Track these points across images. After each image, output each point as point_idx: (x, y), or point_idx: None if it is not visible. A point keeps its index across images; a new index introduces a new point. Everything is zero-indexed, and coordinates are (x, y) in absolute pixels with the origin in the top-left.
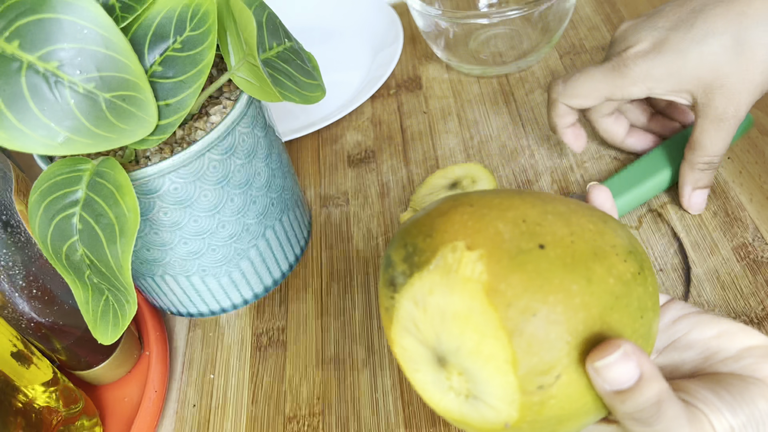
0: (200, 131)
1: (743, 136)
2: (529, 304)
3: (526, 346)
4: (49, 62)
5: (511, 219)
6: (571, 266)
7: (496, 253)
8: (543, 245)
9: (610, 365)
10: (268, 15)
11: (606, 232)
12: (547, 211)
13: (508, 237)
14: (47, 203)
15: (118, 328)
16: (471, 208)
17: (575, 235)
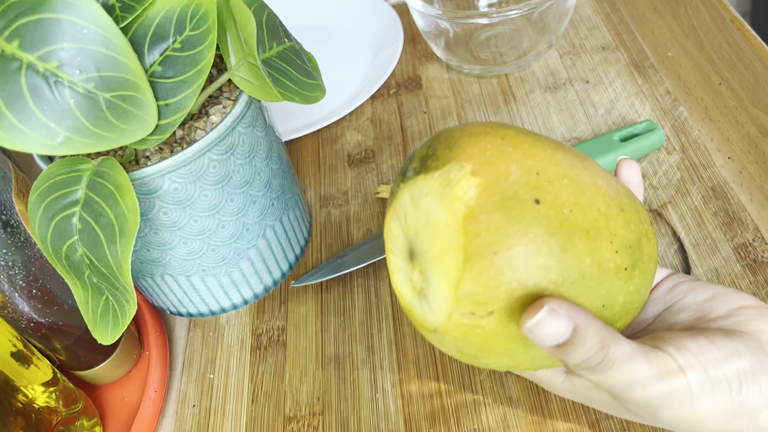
0: (200, 131)
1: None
2: (495, 243)
3: (475, 275)
4: (48, 62)
5: (527, 166)
6: (553, 230)
7: (492, 188)
8: (539, 201)
9: (540, 323)
10: (268, 15)
11: (615, 220)
12: (568, 175)
13: (513, 180)
14: (47, 203)
15: (118, 328)
16: (500, 141)
17: (578, 206)
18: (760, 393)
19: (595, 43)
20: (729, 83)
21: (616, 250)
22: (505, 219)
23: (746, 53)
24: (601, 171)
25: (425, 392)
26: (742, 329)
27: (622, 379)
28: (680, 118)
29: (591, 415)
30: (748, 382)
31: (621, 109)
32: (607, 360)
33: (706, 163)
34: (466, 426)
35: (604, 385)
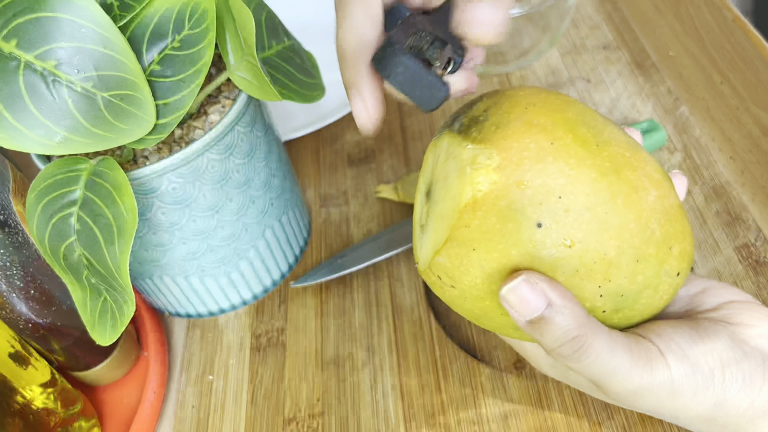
0: (199, 130)
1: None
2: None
3: (450, 254)
4: (46, 61)
5: (552, 187)
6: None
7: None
8: (541, 225)
9: (513, 290)
10: (268, 14)
11: (618, 268)
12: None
13: (529, 194)
14: (45, 203)
15: (117, 328)
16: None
17: (581, 244)
18: (743, 381)
19: (596, 43)
20: (731, 83)
21: (600, 294)
22: (498, 226)
23: (748, 52)
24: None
25: (425, 393)
26: (728, 321)
27: (600, 369)
28: (682, 117)
29: (592, 416)
30: (731, 371)
31: (622, 108)
32: (583, 349)
33: (708, 162)
34: (467, 427)
35: (582, 374)
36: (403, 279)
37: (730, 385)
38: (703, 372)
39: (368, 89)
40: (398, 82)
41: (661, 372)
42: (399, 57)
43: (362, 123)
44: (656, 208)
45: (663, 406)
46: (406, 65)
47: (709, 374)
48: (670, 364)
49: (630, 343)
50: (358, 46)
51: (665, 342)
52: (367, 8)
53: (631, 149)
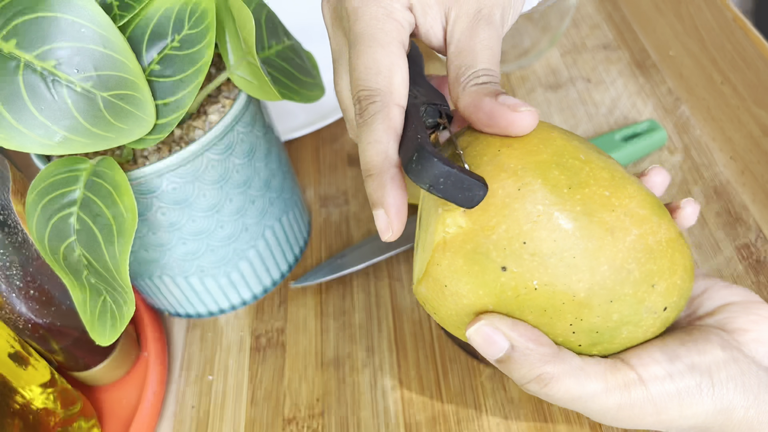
0: (199, 130)
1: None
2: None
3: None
4: (46, 61)
5: (516, 233)
6: (506, 299)
7: (470, 236)
8: (505, 268)
9: (477, 331)
10: (267, 13)
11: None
12: (564, 255)
13: (495, 238)
14: (45, 203)
15: (116, 329)
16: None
17: (548, 286)
18: (735, 390)
19: (596, 42)
20: (731, 82)
21: (573, 331)
22: (465, 268)
23: (748, 52)
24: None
25: (426, 394)
26: (725, 327)
27: (572, 398)
28: (682, 117)
29: None
30: (721, 381)
31: (623, 108)
32: (550, 385)
33: (708, 162)
34: (467, 428)
35: (557, 403)
36: (403, 279)
37: (722, 396)
38: (689, 388)
39: (394, 208)
40: (440, 191)
41: (639, 395)
42: (439, 168)
43: (385, 237)
44: (636, 247)
45: (651, 424)
46: (447, 175)
47: (695, 388)
48: (648, 387)
49: (605, 371)
50: (383, 164)
51: (645, 365)
52: (388, 121)
53: (613, 186)
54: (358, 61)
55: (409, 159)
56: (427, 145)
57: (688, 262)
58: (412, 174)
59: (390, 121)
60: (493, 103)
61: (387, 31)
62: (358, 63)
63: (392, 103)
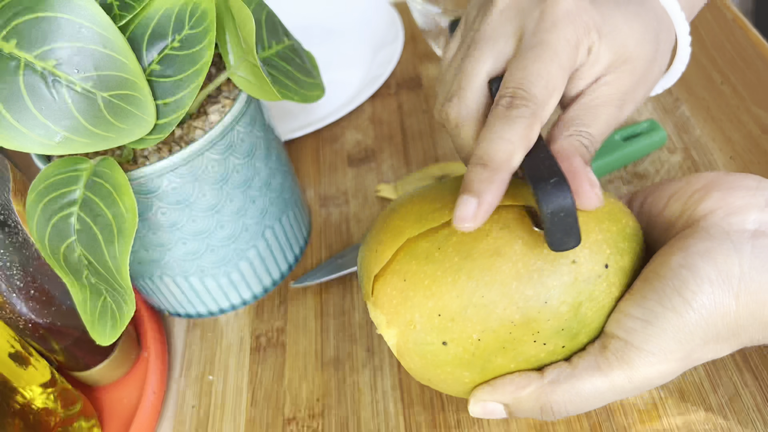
0: (199, 130)
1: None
2: (418, 376)
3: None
4: (46, 61)
5: (429, 310)
6: (465, 363)
7: (405, 337)
8: (446, 342)
9: (476, 413)
10: (267, 13)
11: (534, 321)
12: (471, 303)
13: (419, 328)
14: (45, 203)
15: (117, 328)
16: (403, 284)
17: (486, 331)
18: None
19: None
20: (731, 82)
21: (543, 343)
22: (422, 363)
23: (748, 52)
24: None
25: (425, 394)
26: (694, 219)
27: (583, 402)
28: (682, 117)
29: (592, 417)
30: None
31: None
32: (555, 409)
33: (708, 162)
34: (467, 428)
35: (573, 414)
36: None
37: (701, 302)
38: (668, 319)
39: (488, 205)
40: (551, 222)
41: (640, 359)
42: (569, 203)
43: (463, 225)
44: (527, 247)
45: (672, 370)
46: (570, 213)
47: (672, 314)
48: (640, 346)
49: (597, 359)
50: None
51: (623, 326)
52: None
53: None
54: (534, 65)
55: (545, 178)
56: (564, 176)
57: (601, 210)
58: (543, 192)
59: (530, 131)
60: (581, 166)
61: (569, 55)
62: (533, 66)
63: (540, 118)
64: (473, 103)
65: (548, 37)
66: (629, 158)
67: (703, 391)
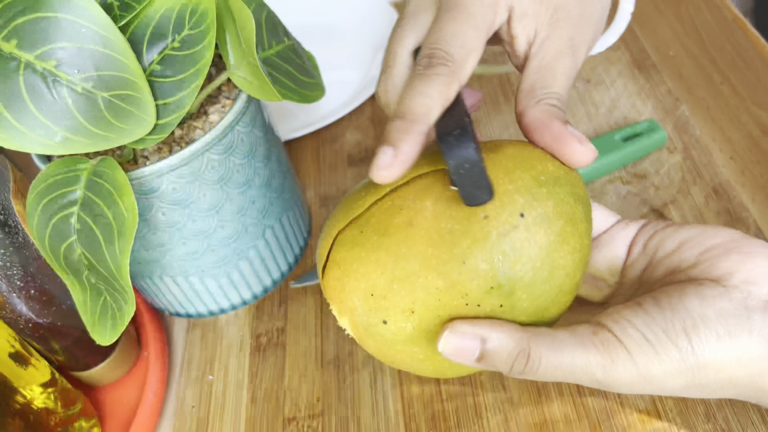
0: (199, 130)
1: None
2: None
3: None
4: (47, 61)
5: (363, 292)
6: (411, 337)
7: (355, 323)
8: (386, 321)
9: (446, 344)
10: (267, 13)
11: (459, 283)
12: (395, 276)
13: (361, 311)
14: (45, 203)
15: (117, 328)
16: (339, 272)
17: (417, 301)
18: (718, 341)
19: None
20: (731, 83)
21: (477, 304)
22: (375, 345)
23: (748, 52)
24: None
25: (426, 394)
26: (710, 276)
27: (558, 371)
28: (682, 117)
29: (592, 416)
30: (699, 337)
31: (622, 108)
32: (531, 360)
33: (708, 162)
34: (467, 427)
35: (550, 381)
36: None
37: (703, 351)
38: (667, 349)
39: (404, 155)
40: (458, 174)
41: (623, 361)
42: (473, 153)
43: (379, 175)
44: (438, 215)
45: (641, 386)
46: (475, 163)
47: (673, 348)
48: (629, 350)
49: (583, 337)
50: (421, 116)
51: (622, 328)
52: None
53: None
54: (449, 26)
55: (449, 131)
56: (471, 129)
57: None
58: (446, 145)
59: (448, 89)
60: (562, 129)
61: (484, 16)
62: (448, 27)
63: (458, 77)
64: (399, 79)
65: (463, 0)
66: (629, 158)
67: None
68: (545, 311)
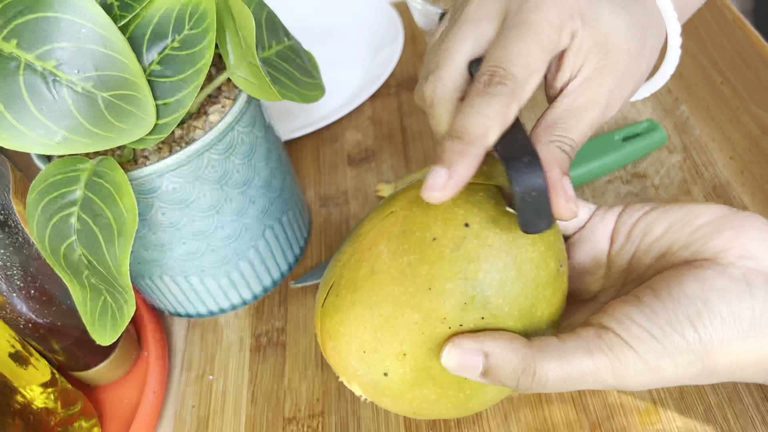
0: (199, 130)
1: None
2: None
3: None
4: (47, 61)
5: (356, 353)
6: (415, 380)
7: (364, 386)
8: (386, 372)
9: (449, 358)
10: (267, 13)
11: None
12: (376, 327)
13: (362, 372)
14: (45, 203)
15: (117, 328)
16: (332, 342)
17: (405, 344)
18: (723, 325)
19: None
20: (731, 82)
21: (459, 324)
22: (390, 400)
23: (748, 52)
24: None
25: None
26: (704, 256)
27: (567, 382)
28: (682, 117)
29: (592, 415)
30: (704, 323)
31: (622, 108)
32: (538, 375)
33: (708, 162)
34: (467, 428)
35: (560, 392)
36: None
37: (710, 336)
38: (674, 342)
39: (458, 177)
40: (523, 202)
41: (632, 362)
42: (541, 183)
43: (432, 195)
44: (394, 253)
45: (656, 383)
46: (542, 193)
47: (680, 339)
48: (637, 349)
49: (588, 343)
50: (478, 139)
51: (626, 328)
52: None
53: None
54: (514, 44)
55: (517, 156)
56: (538, 157)
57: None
58: (515, 171)
59: (508, 109)
60: (558, 178)
61: (551, 37)
62: (514, 46)
63: (518, 97)
64: (450, 82)
65: (531, 18)
66: (629, 158)
67: (702, 391)
68: (533, 310)
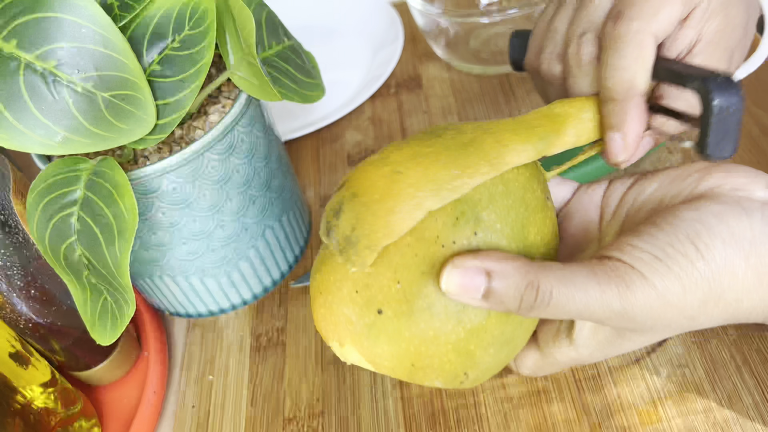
0: (199, 131)
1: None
2: None
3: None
4: (47, 61)
5: (348, 297)
6: (411, 312)
7: (358, 340)
8: (381, 310)
9: (450, 280)
10: (268, 14)
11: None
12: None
13: (356, 319)
14: (45, 203)
15: (117, 328)
16: (321, 297)
17: (398, 271)
18: (724, 246)
19: None
20: None
21: (453, 241)
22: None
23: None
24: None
25: (425, 393)
26: (697, 195)
27: (570, 305)
28: None
29: (592, 415)
30: (706, 245)
31: None
32: (541, 292)
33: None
34: (467, 427)
35: (559, 318)
36: None
37: (713, 256)
38: (678, 261)
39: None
40: (720, 118)
41: (640, 286)
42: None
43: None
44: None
45: (661, 313)
46: (738, 110)
47: (684, 258)
48: (643, 272)
49: (592, 267)
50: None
51: (629, 253)
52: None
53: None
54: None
55: (709, 75)
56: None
57: None
58: (714, 85)
59: (642, 49)
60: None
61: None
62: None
63: (648, 31)
64: None
65: None
66: None
67: (703, 391)
68: (525, 231)
